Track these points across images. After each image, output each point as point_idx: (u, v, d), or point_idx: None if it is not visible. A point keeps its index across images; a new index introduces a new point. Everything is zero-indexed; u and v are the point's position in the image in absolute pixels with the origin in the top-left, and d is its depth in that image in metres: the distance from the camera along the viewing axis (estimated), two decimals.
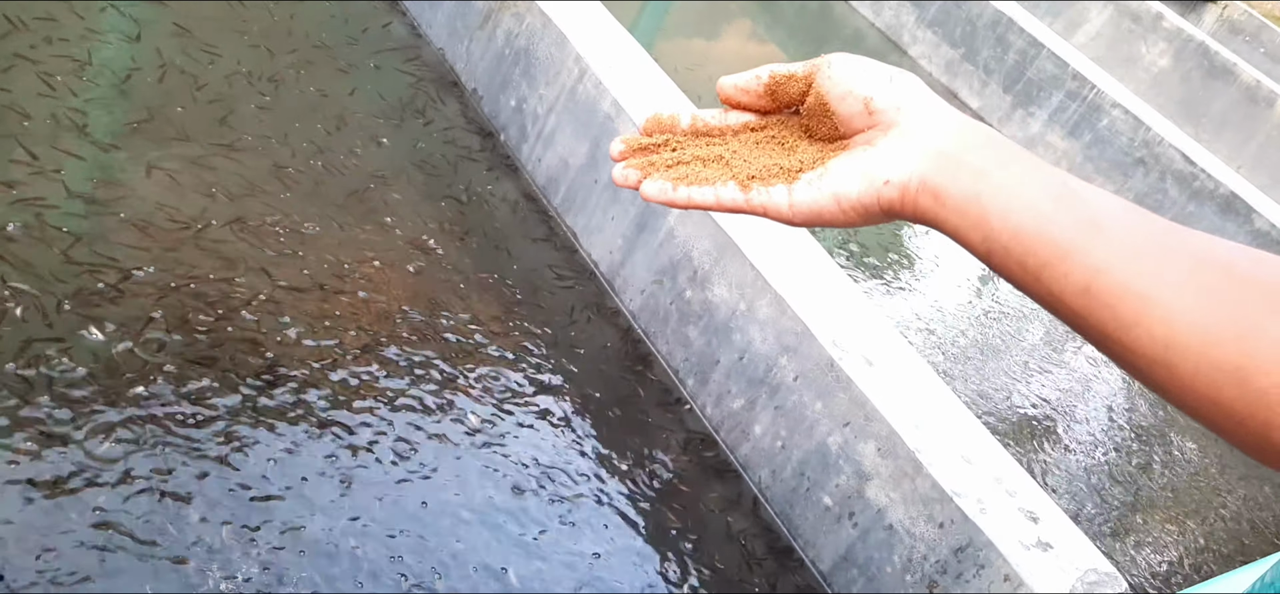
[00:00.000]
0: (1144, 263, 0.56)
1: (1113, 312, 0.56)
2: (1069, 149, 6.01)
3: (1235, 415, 0.53)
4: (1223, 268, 0.55)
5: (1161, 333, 0.55)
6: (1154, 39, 8.27)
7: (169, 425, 1.79)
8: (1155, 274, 0.56)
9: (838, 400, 2.25)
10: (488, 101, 3.22)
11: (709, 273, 2.52)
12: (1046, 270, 0.59)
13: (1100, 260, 0.57)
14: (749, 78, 0.72)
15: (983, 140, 0.64)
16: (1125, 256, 0.57)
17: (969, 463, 2.15)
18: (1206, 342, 0.53)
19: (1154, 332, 0.55)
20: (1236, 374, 0.52)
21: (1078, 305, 0.58)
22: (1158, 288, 0.55)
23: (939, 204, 0.63)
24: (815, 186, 0.67)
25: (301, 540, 1.74)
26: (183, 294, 2.03)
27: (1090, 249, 0.57)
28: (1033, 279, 0.60)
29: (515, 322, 2.50)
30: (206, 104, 2.56)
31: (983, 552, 2.01)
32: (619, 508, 2.18)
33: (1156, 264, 0.56)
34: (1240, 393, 0.52)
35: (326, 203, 2.49)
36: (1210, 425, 0.56)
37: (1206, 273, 0.55)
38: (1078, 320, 0.59)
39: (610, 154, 0.74)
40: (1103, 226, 0.58)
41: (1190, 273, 0.55)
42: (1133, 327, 0.56)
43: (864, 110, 0.67)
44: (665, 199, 0.71)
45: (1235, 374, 0.52)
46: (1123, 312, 0.56)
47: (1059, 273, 0.58)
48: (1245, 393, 0.52)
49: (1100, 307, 0.57)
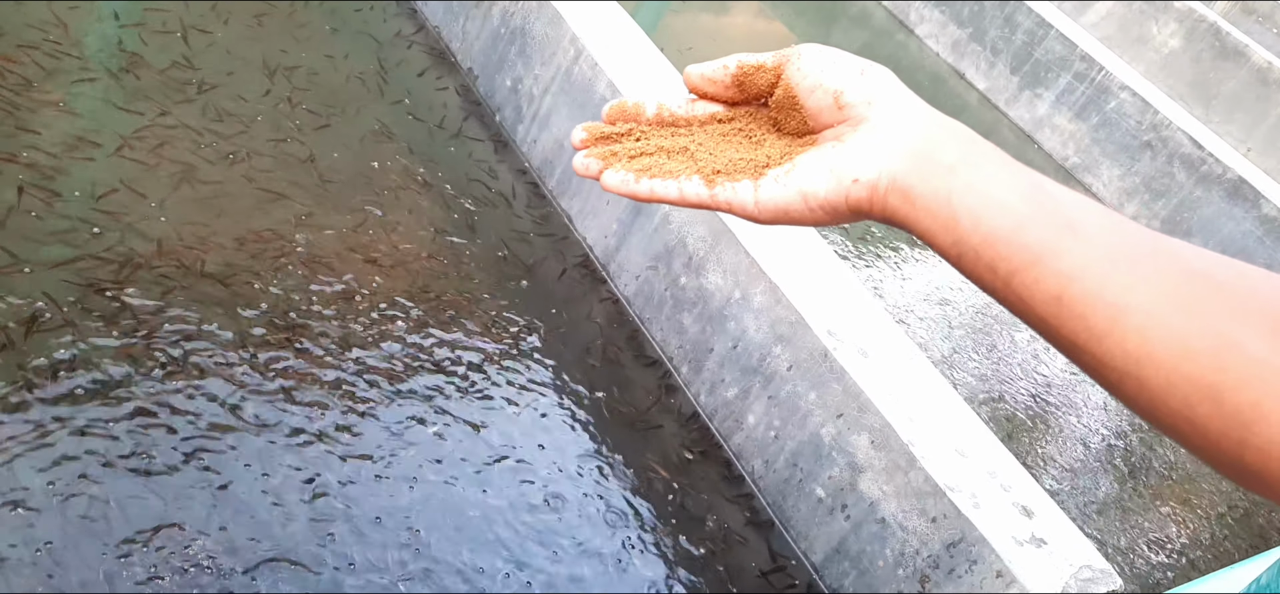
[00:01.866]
0: (1118, 271, 0.53)
1: (1084, 321, 0.54)
2: (1076, 131, 5.94)
3: (1208, 433, 0.50)
4: (1200, 278, 0.52)
5: (1134, 345, 0.52)
6: (1165, 19, 8.17)
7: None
8: (1129, 283, 0.53)
9: (832, 391, 2.22)
10: (483, 81, 3.18)
11: (704, 259, 2.49)
12: (1017, 276, 0.56)
13: (1072, 267, 0.54)
14: (716, 67, 0.69)
15: (954, 137, 0.61)
16: (1099, 264, 0.54)
17: (963, 456, 2.13)
18: (1180, 355, 0.50)
19: (1126, 343, 0.52)
20: (1211, 390, 0.50)
21: (1048, 313, 0.55)
22: (1132, 297, 0.52)
23: (909, 204, 0.60)
24: (782, 183, 0.64)
25: (286, 533, 1.72)
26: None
27: (1062, 254, 0.54)
28: (1003, 285, 0.57)
29: (505, 305, 2.47)
30: (189, 73, 2.53)
31: (975, 547, 1.98)
32: (606, 496, 2.16)
33: (1131, 272, 0.53)
34: (1215, 410, 0.50)
35: (311, 184, 2.46)
36: (1182, 441, 0.53)
37: (1183, 283, 0.52)
38: (1049, 330, 0.56)
39: (571, 141, 0.71)
40: (1077, 230, 0.55)
41: (1166, 282, 0.52)
42: (1104, 337, 0.53)
43: (834, 104, 0.64)
44: (626, 191, 0.68)
45: (1209, 390, 0.50)
46: (1094, 322, 0.53)
47: (1030, 279, 0.55)
48: (1220, 410, 0.49)
49: (1071, 316, 0.54)
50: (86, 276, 1.92)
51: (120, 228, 2.05)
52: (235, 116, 2.50)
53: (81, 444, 1.67)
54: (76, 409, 1.71)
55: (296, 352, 2.04)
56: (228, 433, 1.82)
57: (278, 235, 2.25)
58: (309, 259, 2.24)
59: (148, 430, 1.74)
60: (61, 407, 1.71)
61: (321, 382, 2.01)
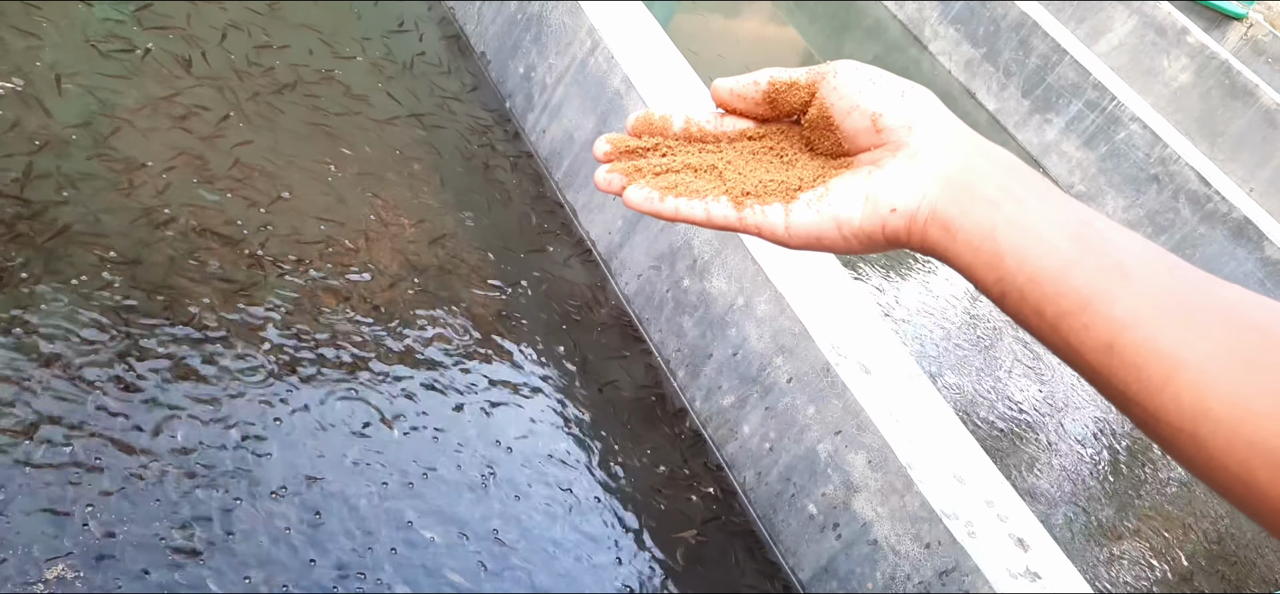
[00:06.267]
0: (1173, 320, 0.50)
1: (1137, 372, 0.51)
2: (1083, 160, 5.93)
3: (1269, 499, 0.48)
4: (1261, 332, 0.49)
5: (1190, 401, 0.49)
6: (1176, 53, 8.15)
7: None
8: (1185, 336, 0.50)
9: (831, 406, 2.19)
10: (496, 66, 3.14)
11: (709, 263, 2.45)
12: (1065, 320, 0.53)
13: (1125, 313, 0.51)
14: (747, 82, 0.66)
15: (999, 166, 0.58)
16: (1153, 311, 0.51)
17: (961, 483, 2.10)
18: (1241, 415, 0.48)
19: (1182, 399, 0.49)
20: (1273, 455, 0.47)
21: (1098, 362, 0.53)
22: (1188, 351, 0.49)
23: (949, 237, 0.57)
24: (815, 209, 0.62)
25: (252, 522, 1.69)
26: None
27: (1114, 300, 0.52)
28: (1050, 329, 0.54)
29: (501, 297, 2.44)
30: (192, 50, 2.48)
31: (968, 577, 1.96)
32: (593, 497, 2.13)
33: (1188, 323, 0.50)
34: (1276, 475, 0.47)
35: (318, 162, 2.42)
36: (1239, 505, 0.51)
37: (1243, 336, 0.49)
38: (1098, 378, 0.54)
39: (594, 154, 0.68)
40: (1129, 274, 0.52)
41: (1225, 334, 0.49)
42: (1158, 392, 0.50)
43: (871, 127, 0.61)
44: (651, 209, 0.65)
45: (1271, 455, 0.47)
46: (1148, 374, 0.50)
47: (1079, 324, 0.53)
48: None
49: (1124, 366, 0.51)
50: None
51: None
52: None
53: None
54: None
55: (280, 323, 2.00)
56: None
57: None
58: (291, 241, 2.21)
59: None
60: None
61: (303, 353, 1.98)
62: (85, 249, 1.86)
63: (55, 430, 1.58)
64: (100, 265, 1.85)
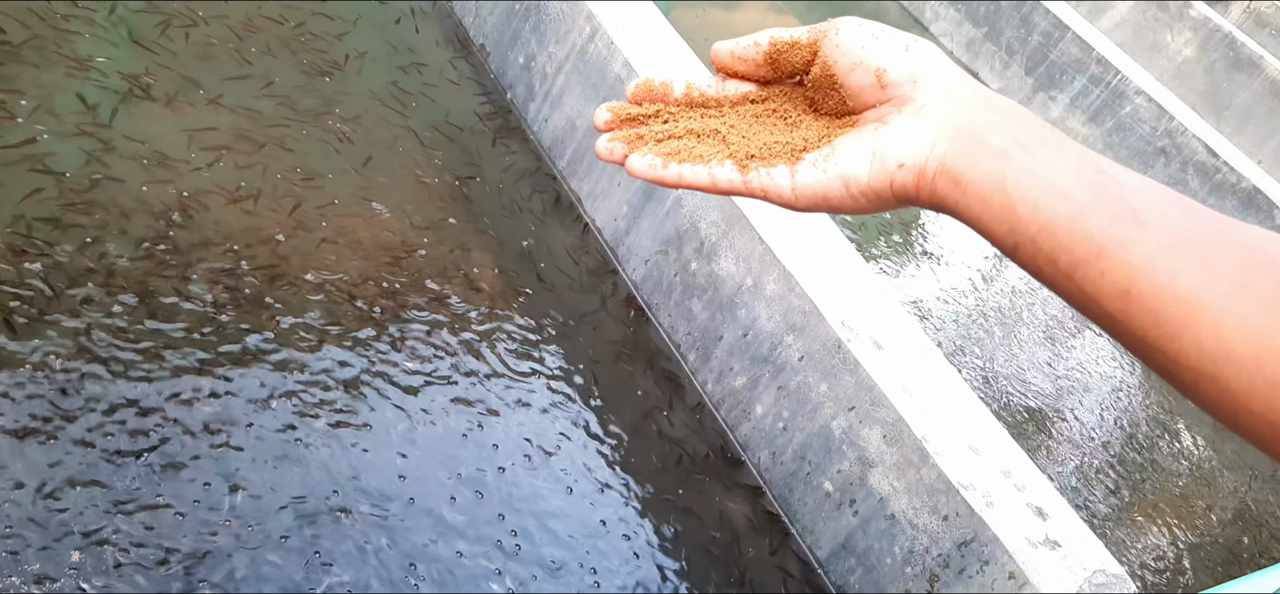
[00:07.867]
0: (1191, 263, 0.49)
1: (1156, 317, 0.49)
2: (1089, 135, 5.89)
3: None
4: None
5: (1211, 344, 0.48)
6: (1180, 27, 8.10)
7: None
8: (1203, 277, 0.48)
9: (844, 383, 2.17)
10: (495, 57, 3.12)
11: (716, 245, 2.44)
12: (1080, 269, 0.52)
13: (1141, 258, 0.50)
14: (747, 44, 0.64)
15: (1008, 117, 0.56)
16: (1169, 255, 0.49)
17: (977, 454, 2.08)
18: (1264, 354, 0.46)
19: (1202, 342, 0.48)
20: None
21: (1115, 309, 0.51)
22: (1207, 292, 0.48)
23: (959, 190, 0.56)
24: (821, 168, 0.61)
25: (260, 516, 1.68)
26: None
27: (1130, 245, 0.50)
28: (1064, 278, 0.53)
29: (509, 285, 2.43)
30: (215, 46, 2.48)
31: (987, 547, 1.94)
32: (610, 483, 2.11)
33: (1205, 265, 0.49)
34: None
35: (318, 157, 2.41)
36: (1264, 447, 0.49)
37: (1263, 275, 0.48)
38: (1115, 325, 0.52)
39: (594, 122, 0.67)
40: (1144, 219, 0.51)
41: (1244, 275, 0.48)
42: (1178, 336, 0.49)
43: (876, 83, 0.60)
44: (654, 176, 0.64)
45: None
46: (1167, 318, 0.49)
47: (1094, 272, 0.51)
48: None
49: (1141, 311, 0.50)
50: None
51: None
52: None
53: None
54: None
55: (288, 311, 1.99)
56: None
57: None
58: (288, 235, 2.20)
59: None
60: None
61: (307, 343, 1.97)
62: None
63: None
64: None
